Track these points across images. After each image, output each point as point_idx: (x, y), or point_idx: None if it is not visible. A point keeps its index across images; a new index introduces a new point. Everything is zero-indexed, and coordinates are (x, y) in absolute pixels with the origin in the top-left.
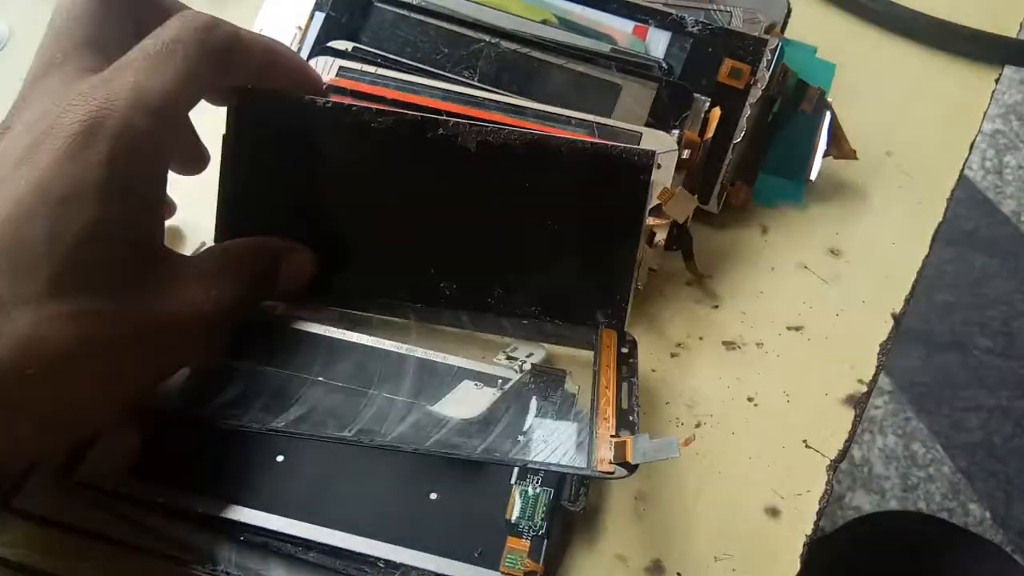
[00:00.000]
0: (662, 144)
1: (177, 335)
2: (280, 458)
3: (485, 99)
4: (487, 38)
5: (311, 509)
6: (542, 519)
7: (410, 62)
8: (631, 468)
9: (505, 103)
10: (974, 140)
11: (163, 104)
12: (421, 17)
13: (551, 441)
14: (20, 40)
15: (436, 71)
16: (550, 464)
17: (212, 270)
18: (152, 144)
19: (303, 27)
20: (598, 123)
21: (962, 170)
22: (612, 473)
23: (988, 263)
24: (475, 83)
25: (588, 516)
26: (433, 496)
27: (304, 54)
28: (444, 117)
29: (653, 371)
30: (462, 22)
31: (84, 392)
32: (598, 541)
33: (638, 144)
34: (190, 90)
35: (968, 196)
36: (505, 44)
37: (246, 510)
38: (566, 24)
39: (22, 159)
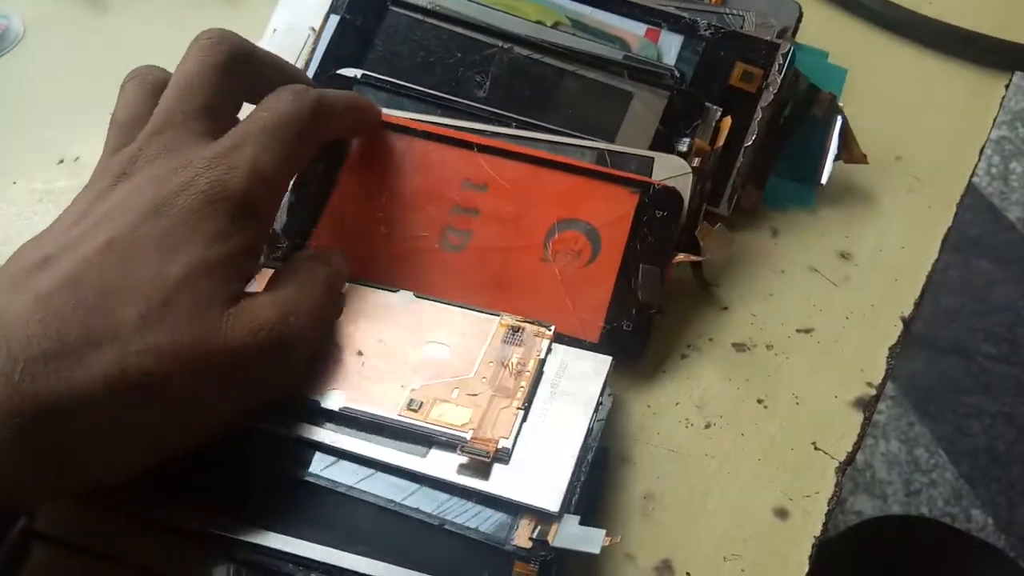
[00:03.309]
0: (674, 169)
1: (255, 364)
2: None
3: (491, 132)
4: (500, 43)
5: (315, 529)
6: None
7: (418, 88)
8: (548, 549)
9: (511, 135)
10: (984, 145)
11: (275, 177)
12: (435, 22)
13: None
14: (34, 36)
15: (444, 96)
16: (467, 528)
17: (289, 293)
18: (262, 208)
19: (317, 29)
20: (609, 150)
21: (972, 175)
22: (529, 549)
23: (993, 269)
24: (482, 107)
25: (597, 516)
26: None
27: (317, 56)
28: None
29: (663, 372)
30: (476, 27)
31: (166, 421)
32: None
33: (651, 170)
34: (298, 163)
35: (973, 202)
36: (518, 50)
37: (255, 531)
38: (578, 27)
39: (150, 212)
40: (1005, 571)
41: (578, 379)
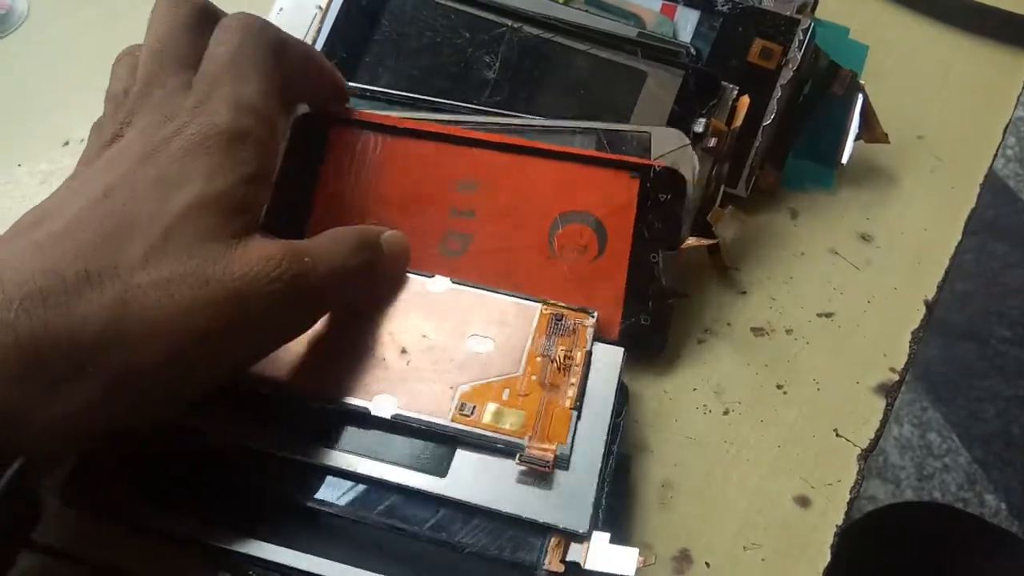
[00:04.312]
0: (672, 142)
1: (262, 303)
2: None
3: (486, 123)
4: (510, 23)
5: (321, 544)
6: None
7: (407, 94)
8: (582, 572)
9: (506, 124)
10: (1007, 125)
11: (260, 103)
12: (442, 0)
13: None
14: (39, 16)
15: (436, 100)
16: (494, 553)
17: (311, 241)
18: (255, 134)
19: (324, 7)
20: (604, 129)
21: (995, 155)
22: (562, 574)
23: (1009, 252)
24: (471, 105)
25: (615, 504)
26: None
27: (323, 36)
28: None
29: (680, 357)
30: (484, 5)
31: (164, 366)
32: (624, 530)
33: (648, 144)
34: (274, 86)
35: (989, 184)
36: (528, 29)
37: (257, 543)
38: (592, 3)
39: (143, 158)
40: (1018, 557)
41: (590, 374)
